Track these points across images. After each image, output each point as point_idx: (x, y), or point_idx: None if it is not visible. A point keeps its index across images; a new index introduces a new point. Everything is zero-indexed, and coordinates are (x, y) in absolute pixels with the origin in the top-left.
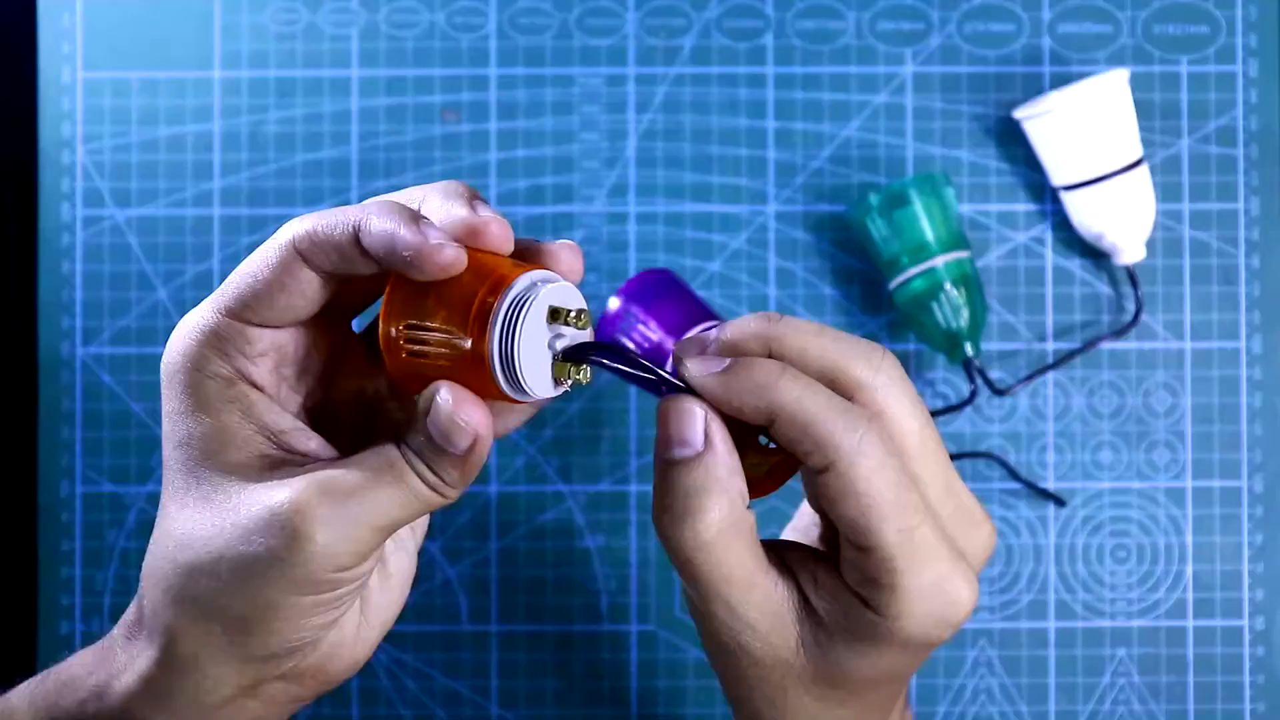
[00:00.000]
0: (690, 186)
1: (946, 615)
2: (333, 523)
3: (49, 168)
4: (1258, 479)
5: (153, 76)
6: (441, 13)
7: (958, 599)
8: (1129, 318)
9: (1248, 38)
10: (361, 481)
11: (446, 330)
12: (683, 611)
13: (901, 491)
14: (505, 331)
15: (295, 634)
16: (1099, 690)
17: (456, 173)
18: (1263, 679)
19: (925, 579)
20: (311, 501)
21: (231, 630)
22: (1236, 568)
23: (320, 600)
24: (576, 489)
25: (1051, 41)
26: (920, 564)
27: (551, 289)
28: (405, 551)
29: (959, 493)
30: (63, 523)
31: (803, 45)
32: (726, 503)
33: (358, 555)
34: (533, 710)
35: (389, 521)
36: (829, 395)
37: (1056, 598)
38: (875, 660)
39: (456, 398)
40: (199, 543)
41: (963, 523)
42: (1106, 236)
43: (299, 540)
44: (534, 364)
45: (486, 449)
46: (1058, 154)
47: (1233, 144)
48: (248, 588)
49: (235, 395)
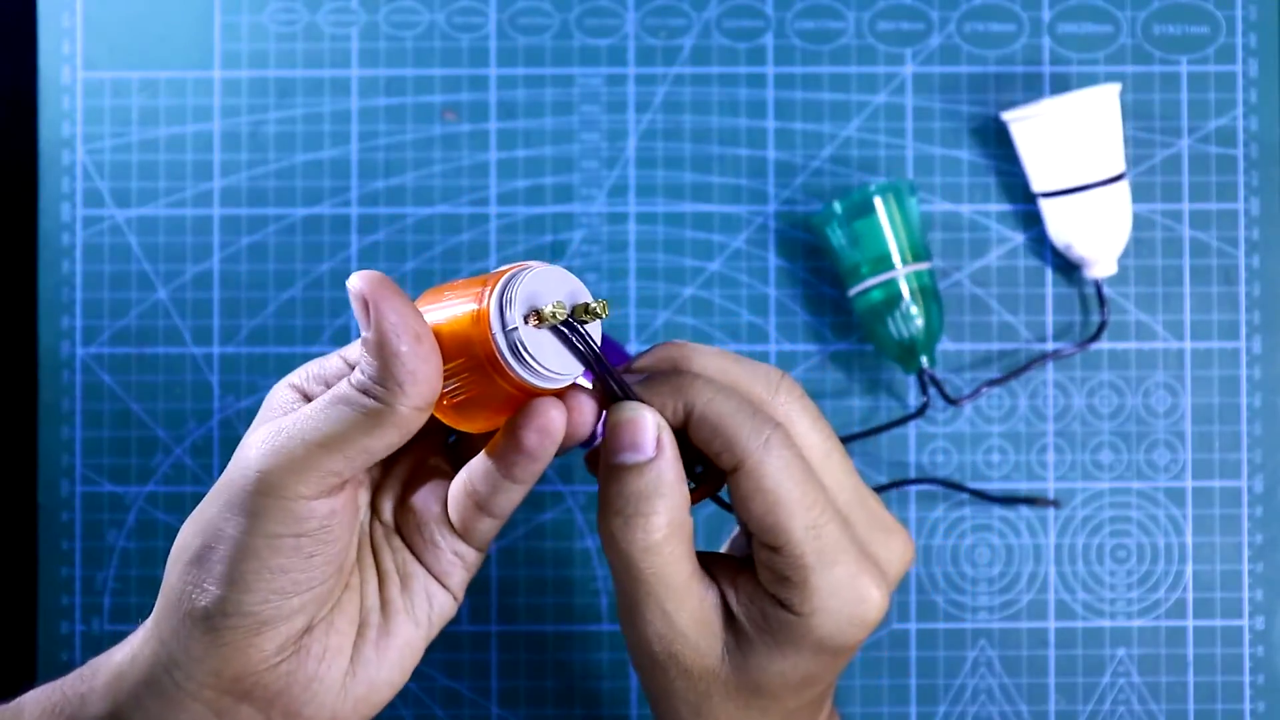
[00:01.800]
0: (690, 186)
1: (857, 613)
2: (279, 449)
3: (49, 167)
4: (1258, 479)
5: (153, 76)
6: (441, 13)
7: (867, 597)
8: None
9: (1247, 37)
10: (309, 409)
11: (461, 359)
12: None
13: (808, 490)
14: (500, 321)
15: (258, 591)
16: (1099, 690)
17: (456, 173)
18: (1263, 679)
19: (835, 575)
20: (264, 438)
21: (197, 579)
22: (1236, 568)
23: (281, 542)
24: (576, 489)
25: (1051, 42)
26: (829, 560)
27: (532, 275)
28: (415, 622)
29: (868, 501)
30: (62, 523)
31: (802, 45)
32: (674, 506)
33: (298, 476)
34: (533, 710)
35: (327, 435)
36: (739, 400)
37: (1056, 598)
38: (795, 662)
39: (373, 284)
40: None
41: (874, 530)
42: (1075, 247)
43: (249, 472)
44: (539, 344)
45: (421, 350)
46: (1039, 159)
47: (1232, 144)
48: (212, 539)
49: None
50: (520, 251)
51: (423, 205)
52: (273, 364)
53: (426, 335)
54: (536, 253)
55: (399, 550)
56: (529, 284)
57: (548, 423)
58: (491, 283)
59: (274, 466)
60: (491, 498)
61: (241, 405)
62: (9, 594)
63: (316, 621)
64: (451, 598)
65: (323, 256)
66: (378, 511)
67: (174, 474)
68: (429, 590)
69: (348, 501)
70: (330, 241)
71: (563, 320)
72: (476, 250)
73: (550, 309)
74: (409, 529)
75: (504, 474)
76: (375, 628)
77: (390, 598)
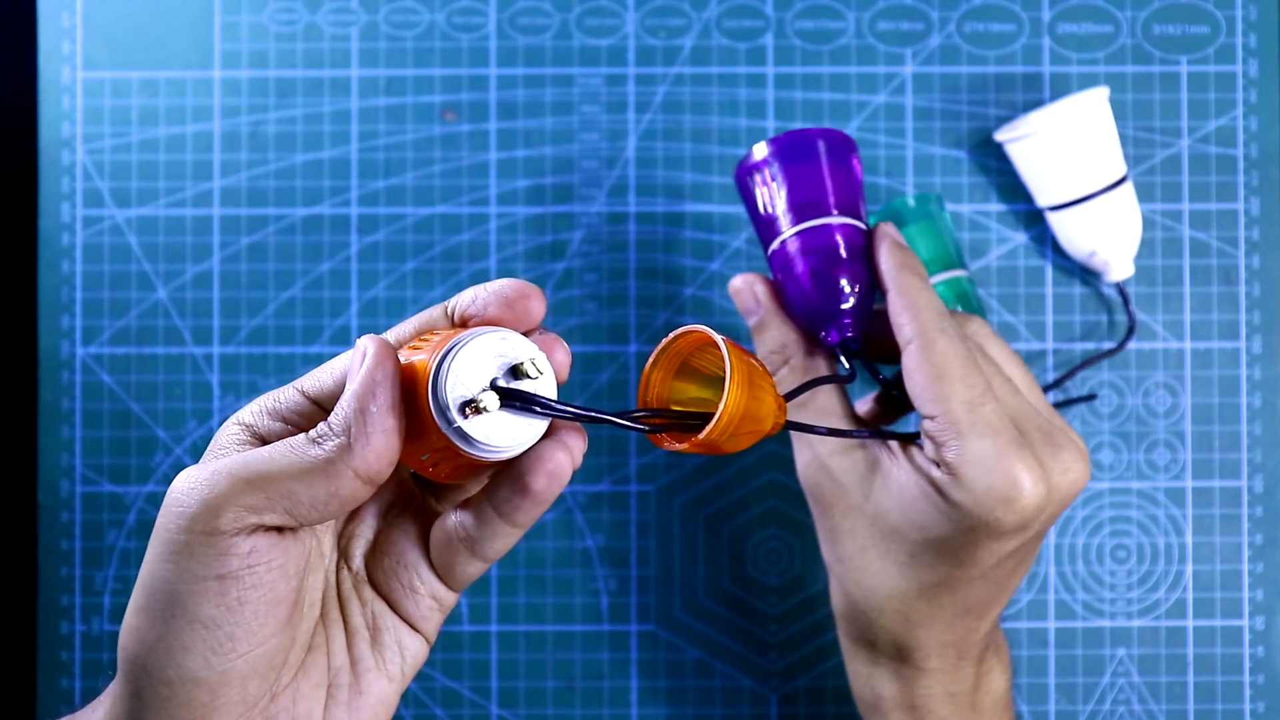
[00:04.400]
0: (690, 186)
1: (1005, 492)
2: (195, 476)
3: (49, 167)
4: (1258, 479)
5: (152, 76)
6: (441, 13)
7: (1016, 478)
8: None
9: (1247, 38)
10: (258, 451)
11: (425, 433)
12: (682, 611)
13: (972, 371)
14: (444, 420)
15: (192, 640)
16: (1099, 690)
17: (456, 173)
18: (1262, 679)
19: (985, 446)
20: (189, 471)
21: (142, 638)
22: (1236, 567)
23: (197, 581)
24: (576, 489)
25: (1051, 42)
26: (981, 432)
27: (455, 363)
28: (387, 676)
29: (1044, 413)
30: (62, 523)
31: (802, 45)
32: (776, 339)
33: (213, 509)
34: (533, 710)
35: (250, 471)
36: (933, 296)
37: (1056, 597)
38: (934, 519)
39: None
40: None
41: (1044, 436)
42: (1096, 256)
43: (165, 502)
44: (489, 426)
45: (386, 424)
46: (1041, 176)
47: (1233, 144)
48: (143, 576)
49: None
50: (520, 251)
51: (423, 205)
52: (272, 364)
53: (398, 417)
54: (536, 252)
55: (369, 602)
56: (455, 374)
57: (556, 468)
58: (430, 369)
59: (192, 499)
60: (484, 541)
61: (241, 405)
62: (9, 594)
63: (280, 690)
64: (424, 643)
65: (323, 256)
66: (347, 559)
67: (174, 474)
68: (400, 641)
69: (274, 547)
70: (330, 241)
71: (501, 403)
72: (476, 250)
73: (481, 398)
74: (384, 574)
75: (504, 518)
76: (346, 688)
77: (360, 655)
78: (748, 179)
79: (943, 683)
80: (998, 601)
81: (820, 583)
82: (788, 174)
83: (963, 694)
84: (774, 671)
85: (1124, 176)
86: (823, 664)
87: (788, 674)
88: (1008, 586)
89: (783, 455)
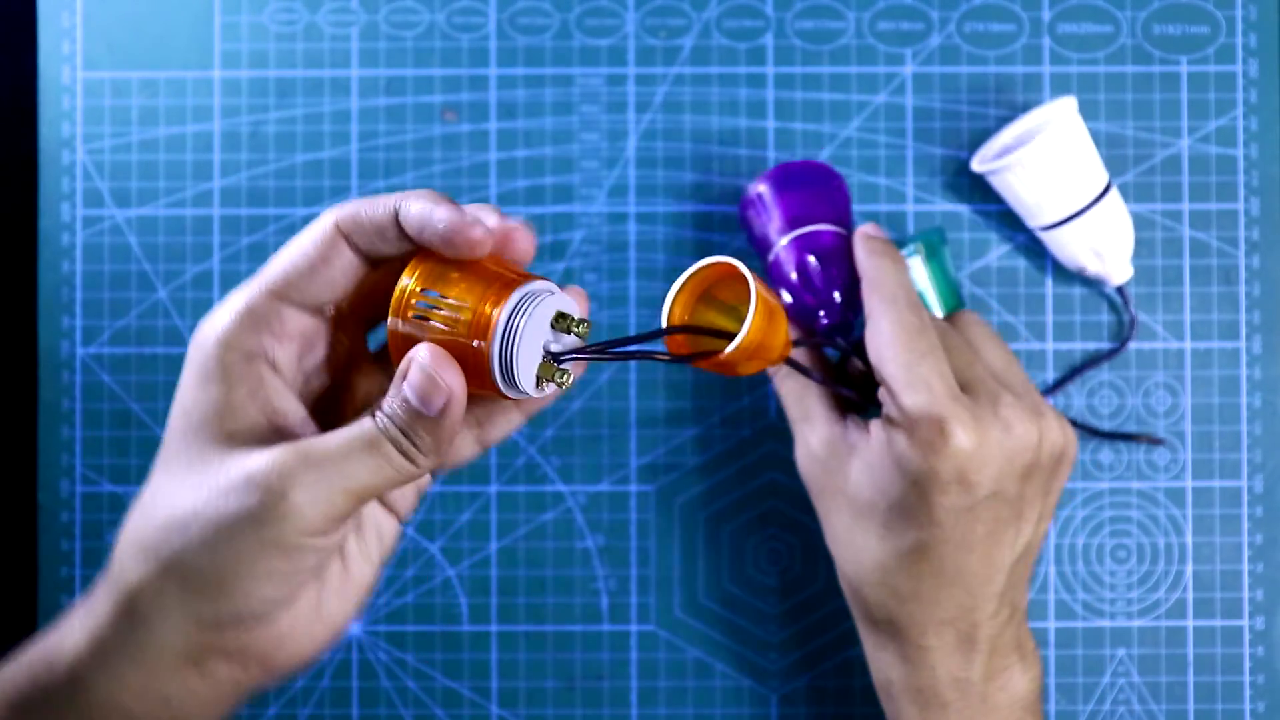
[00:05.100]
0: (690, 186)
1: (932, 440)
2: (308, 484)
3: (49, 167)
4: (1258, 479)
5: (152, 76)
6: (441, 13)
7: (944, 426)
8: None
9: (1247, 37)
10: (338, 448)
11: (457, 305)
12: (682, 611)
13: (918, 336)
14: (513, 319)
15: (253, 599)
16: (1099, 690)
17: (456, 173)
18: (1263, 679)
19: (919, 399)
20: (289, 463)
21: (190, 587)
22: (1236, 568)
23: (285, 566)
24: (576, 489)
25: (1051, 41)
26: (916, 387)
27: (559, 297)
28: (369, 561)
29: (1014, 381)
30: (62, 523)
31: (802, 45)
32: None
33: (329, 519)
34: (533, 710)
35: (361, 486)
36: (899, 276)
37: (1056, 597)
38: (881, 474)
39: (435, 357)
40: (177, 502)
41: (1010, 399)
42: (1090, 269)
43: (273, 498)
44: (528, 360)
45: (459, 413)
46: (1024, 202)
47: (1233, 144)
48: (216, 544)
49: (251, 372)
50: None
51: None
52: None
53: (461, 399)
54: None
55: None
56: (521, 356)
57: None
58: (491, 324)
59: (314, 515)
60: (491, 427)
61: None
62: (9, 594)
63: None
64: (397, 523)
65: None
66: None
67: None
68: (379, 527)
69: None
70: None
71: (559, 372)
72: None
73: (545, 375)
74: None
75: (519, 405)
76: (337, 576)
77: (348, 550)
78: (748, 211)
79: (946, 666)
80: (985, 577)
81: (820, 583)
82: (780, 199)
83: (971, 683)
84: (774, 672)
85: (1107, 185)
86: (823, 664)
87: (788, 674)
88: (992, 558)
89: (782, 455)
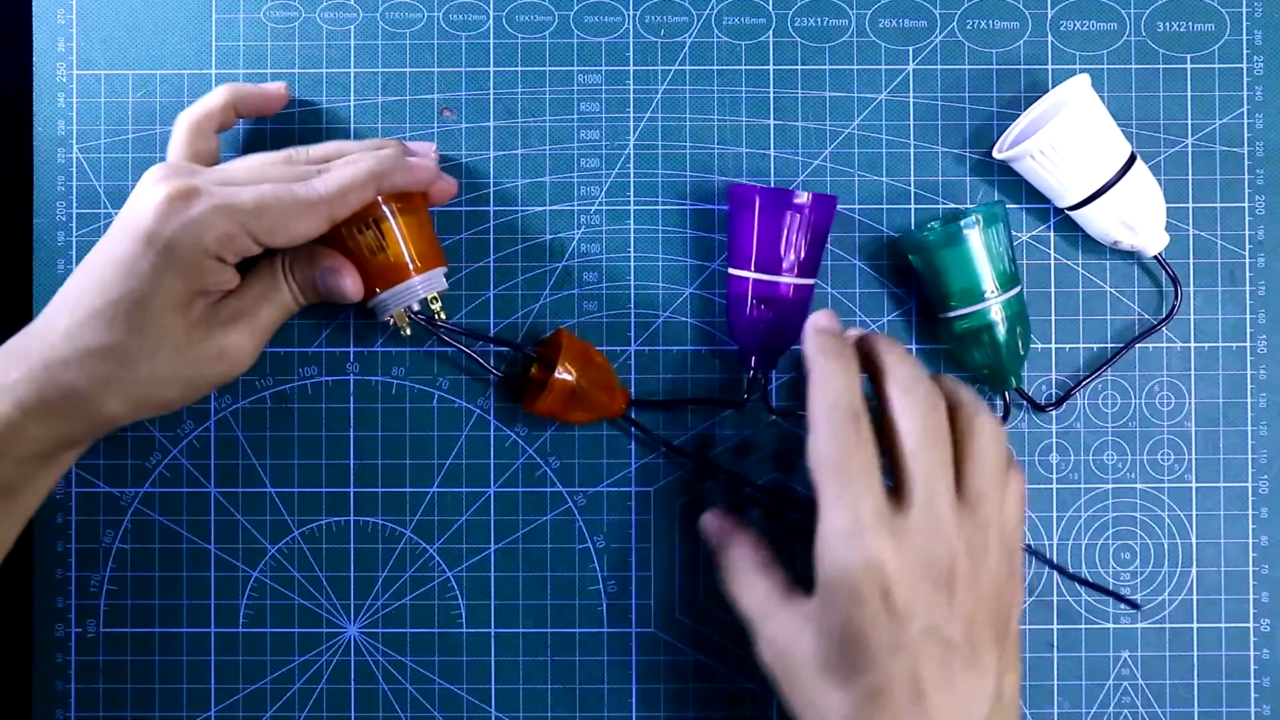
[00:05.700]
0: (690, 185)
1: (853, 561)
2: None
3: (43, 165)
4: (1263, 480)
5: (148, 74)
6: (440, 10)
7: (867, 549)
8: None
9: (1253, 35)
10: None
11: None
12: (683, 613)
13: (846, 454)
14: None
15: None
16: (1103, 693)
17: (454, 171)
18: (1268, 682)
19: (841, 520)
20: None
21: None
22: (1242, 569)
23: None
24: (576, 490)
25: (1054, 39)
26: (839, 509)
27: (430, 287)
28: (247, 334)
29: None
30: (57, 524)
31: (804, 42)
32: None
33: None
34: (531, 713)
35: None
36: (838, 381)
37: (1060, 599)
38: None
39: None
40: None
41: (947, 520)
42: (1124, 242)
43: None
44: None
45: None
46: (1050, 184)
47: (1238, 142)
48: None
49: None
50: (519, 251)
51: None
52: (270, 364)
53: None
54: (536, 252)
55: None
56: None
57: None
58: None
59: (186, 232)
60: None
61: (238, 405)
62: (4, 596)
63: None
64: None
65: None
66: None
67: (169, 475)
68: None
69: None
70: None
71: (409, 326)
72: (476, 249)
73: (398, 323)
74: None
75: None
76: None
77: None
78: (734, 205)
79: None
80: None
81: None
82: (763, 226)
83: None
84: None
85: (1131, 156)
86: None
87: None
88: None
89: (783, 456)
